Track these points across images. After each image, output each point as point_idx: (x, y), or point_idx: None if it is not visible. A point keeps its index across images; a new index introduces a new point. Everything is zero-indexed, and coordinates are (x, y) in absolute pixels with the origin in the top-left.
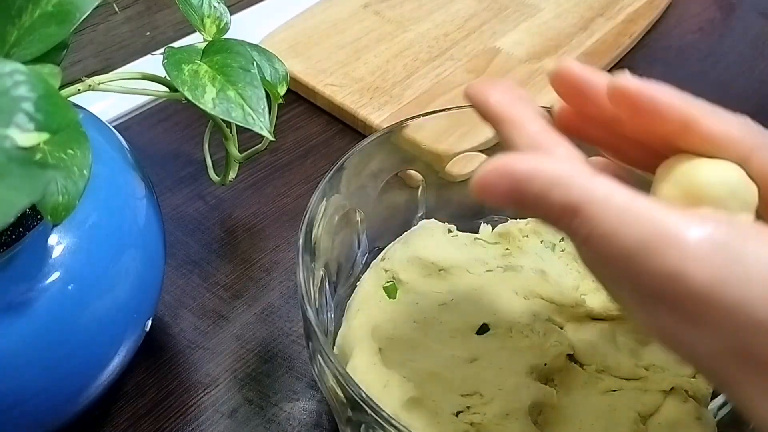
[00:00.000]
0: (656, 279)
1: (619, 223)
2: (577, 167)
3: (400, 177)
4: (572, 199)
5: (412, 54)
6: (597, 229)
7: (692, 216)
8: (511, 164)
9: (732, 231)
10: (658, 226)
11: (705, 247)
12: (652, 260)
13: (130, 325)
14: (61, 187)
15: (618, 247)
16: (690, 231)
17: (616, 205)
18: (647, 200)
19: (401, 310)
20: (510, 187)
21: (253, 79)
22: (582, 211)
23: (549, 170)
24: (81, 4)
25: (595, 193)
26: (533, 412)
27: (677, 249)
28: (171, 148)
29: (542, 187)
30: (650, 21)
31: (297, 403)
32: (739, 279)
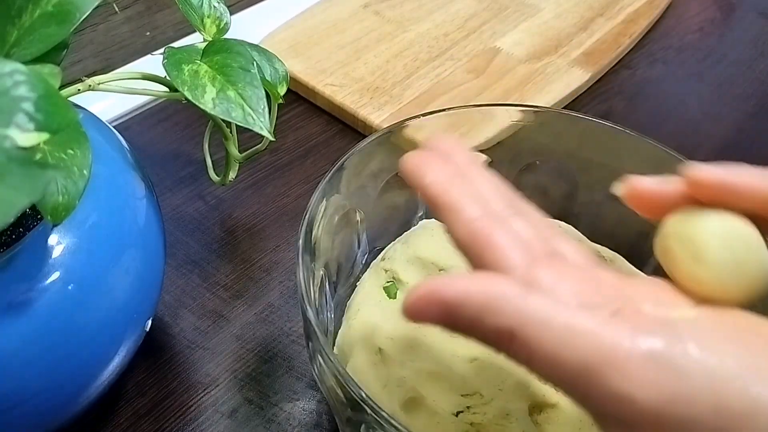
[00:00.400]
0: (602, 402)
1: (559, 345)
2: (509, 285)
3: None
4: (506, 323)
5: (412, 54)
6: (536, 354)
7: (632, 328)
8: (439, 290)
9: (674, 342)
10: (599, 348)
11: (648, 367)
12: (595, 384)
13: (130, 325)
14: (61, 187)
15: (560, 371)
16: (632, 350)
17: (553, 327)
18: (585, 315)
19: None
20: (441, 314)
21: (253, 79)
22: (518, 335)
23: (478, 294)
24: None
25: (531, 316)
26: (533, 412)
27: (619, 372)
28: (171, 148)
29: (473, 313)
30: (650, 21)
31: (297, 403)
32: (687, 396)
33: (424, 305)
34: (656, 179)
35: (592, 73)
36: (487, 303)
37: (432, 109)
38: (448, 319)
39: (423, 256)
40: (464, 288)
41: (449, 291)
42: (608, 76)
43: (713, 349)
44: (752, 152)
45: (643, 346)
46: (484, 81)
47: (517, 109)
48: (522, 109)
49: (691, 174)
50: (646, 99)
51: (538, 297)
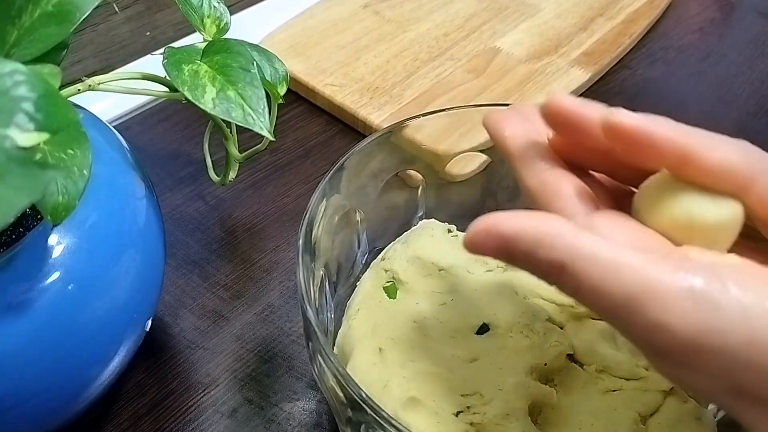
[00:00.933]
0: (642, 332)
1: (604, 278)
2: (562, 224)
3: (400, 177)
4: (557, 257)
5: (412, 54)
6: (584, 285)
7: (675, 266)
8: (498, 225)
9: (713, 279)
10: (642, 281)
11: (686, 300)
12: (637, 315)
13: (130, 325)
14: (61, 187)
15: (604, 301)
16: (672, 284)
17: (600, 261)
18: (632, 253)
19: (401, 310)
20: (498, 247)
21: (253, 79)
22: (567, 268)
23: (533, 229)
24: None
25: (580, 251)
26: (533, 412)
27: (659, 304)
28: (171, 148)
29: (528, 247)
30: (650, 21)
31: (297, 403)
32: (721, 329)
33: (483, 238)
34: (579, 102)
35: (592, 73)
36: (541, 238)
37: (432, 109)
38: (505, 252)
39: (423, 256)
40: (521, 223)
41: (507, 225)
42: (608, 76)
43: (751, 289)
44: None
45: (684, 281)
46: (484, 81)
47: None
48: None
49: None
50: (646, 99)
51: (589, 234)
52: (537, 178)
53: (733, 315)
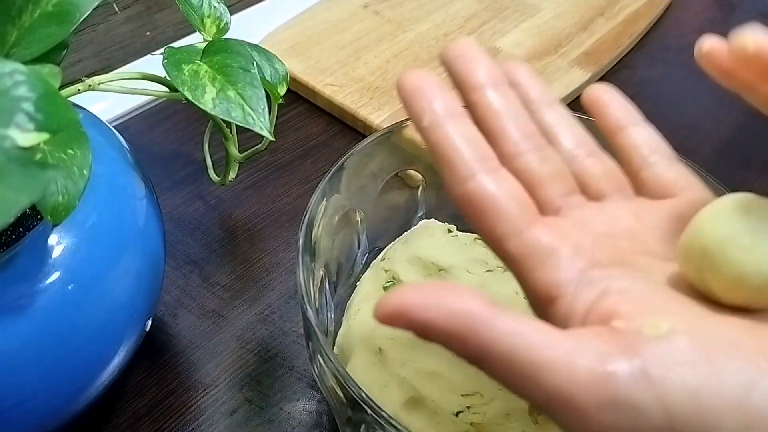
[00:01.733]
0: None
1: (522, 377)
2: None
3: (400, 177)
4: (471, 352)
5: (412, 54)
6: (502, 380)
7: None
8: (407, 309)
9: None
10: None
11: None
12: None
13: (130, 325)
14: (61, 187)
15: (527, 397)
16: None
17: (517, 362)
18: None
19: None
20: (410, 329)
21: (253, 79)
22: (483, 363)
23: (443, 322)
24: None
25: (493, 348)
26: (533, 412)
27: (580, 412)
28: (171, 148)
29: (440, 338)
30: (650, 21)
31: (297, 403)
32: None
33: (394, 319)
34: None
35: (592, 73)
36: (452, 332)
37: None
38: (418, 335)
39: (423, 256)
40: (432, 313)
41: (417, 313)
42: (608, 76)
43: (676, 380)
44: (752, 152)
45: (602, 387)
46: None
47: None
48: None
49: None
50: (646, 99)
51: (503, 325)
52: (464, 187)
53: (655, 418)
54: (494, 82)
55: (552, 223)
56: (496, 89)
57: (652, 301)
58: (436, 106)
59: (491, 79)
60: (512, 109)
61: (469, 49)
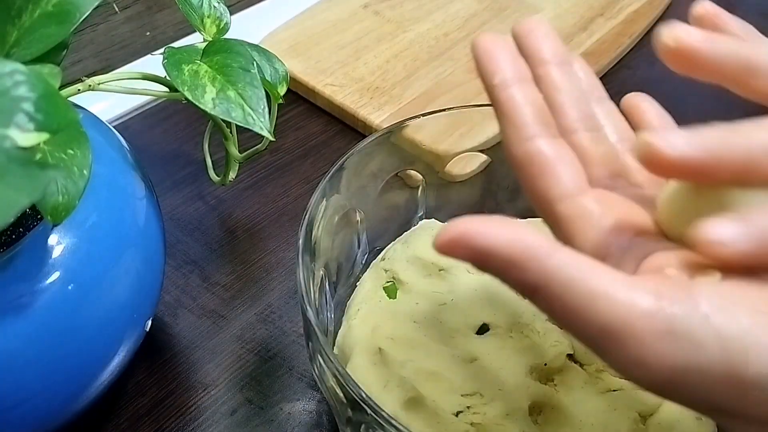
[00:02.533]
0: (620, 365)
1: (579, 307)
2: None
3: (400, 177)
4: (530, 279)
5: (412, 54)
6: (557, 311)
7: (654, 295)
8: (469, 235)
9: (693, 311)
10: (618, 315)
11: (664, 338)
12: (613, 349)
13: (130, 325)
14: (61, 187)
15: (579, 330)
16: (649, 320)
17: (575, 289)
18: (609, 278)
19: (401, 310)
20: (470, 257)
21: (253, 79)
22: (540, 292)
23: (505, 247)
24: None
25: (554, 275)
26: (533, 412)
27: (636, 341)
28: (171, 148)
29: (500, 264)
30: (650, 21)
31: (297, 403)
32: (699, 366)
33: (454, 246)
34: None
35: None
36: (513, 258)
37: (432, 109)
38: (478, 263)
39: (423, 256)
40: (494, 238)
41: (478, 240)
42: (608, 76)
43: (731, 318)
44: None
45: (660, 317)
46: None
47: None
48: None
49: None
50: None
51: (565, 255)
52: (524, 147)
53: (712, 351)
54: (560, 61)
55: (603, 194)
56: (560, 67)
57: (697, 259)
58: (508, 68)
59: (558, 57)
60: (573, 88)
61: (541, 26)
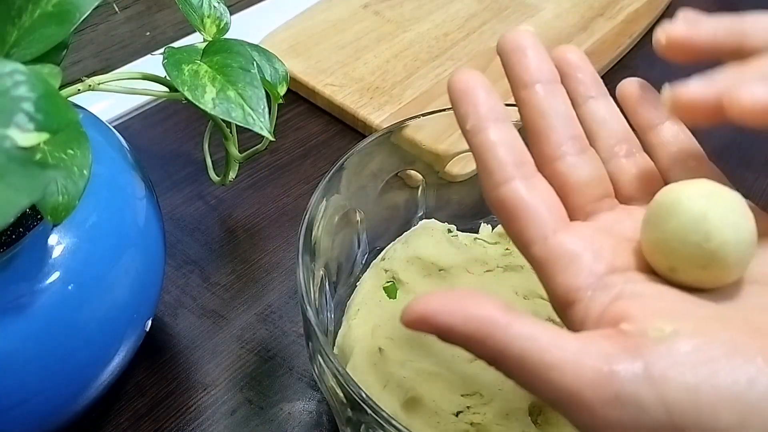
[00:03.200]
0: (580, 429)
1: (534, 378)
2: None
3: (400, 177)
4: (488, 354)
5: (412, 54)
6: (517, 380)
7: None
8: (429, 316)
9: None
10: (569, 388)
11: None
12: (570, 416)
13: (130, 325)
14: (61, 187)
15: (540, 397)
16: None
17: (528, 363)
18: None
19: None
20: (434, 333)
21: (253, 79)
22: (498, 363)
23: (462, 326)
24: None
25: (508, 350)
26: (533, 412)
27: (586, 409)
28: (171, 148)
29: (460, 341)
30: (650, 21)
31: (297, 403)
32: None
33: (419, 325)
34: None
35: None
36: (470, 335)
37: (432, 109)
38: (441, 338)
39: (423, 256)
40: (450, 319)
41: (438, 319)
42: (608, 76)
43: (678, 377)
44: (752, 152)
45: (607, 385)
46: None
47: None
48: None
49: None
50: None
51: (518, 328)
52: (498, 192)
53: (657, 413)
54: (545, 80)
55: (577, 229)
56: (545, 87)
57: (661, 304)
58: (480, 110)
59: (542, 76)
60: (559, 109)
61: (524, 42)
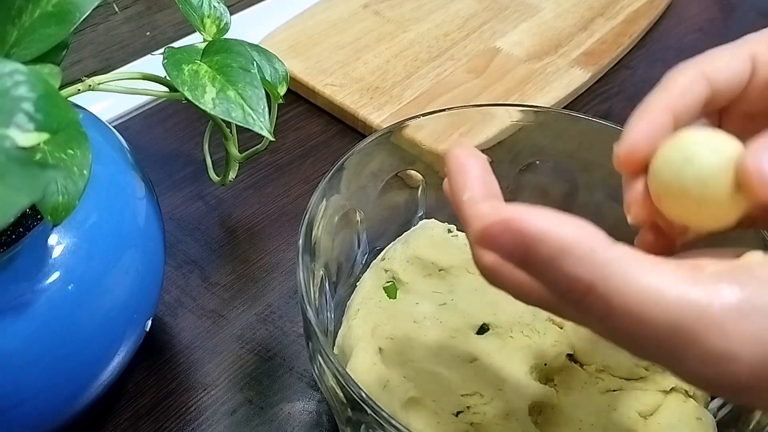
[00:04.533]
0: (700, 364)
1: (643, 305)
2: (593, 235)
3: (400, 177)
4: (585, 273)
5: (412, 54)
6: (616, 311)
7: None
8: (522, 220)
9: (757, 285)
10: (692, 307)
11: (744, 319)
12: (691, 345)
13: (130, 325)
14: (61, 187)
15: (646, 330)
16: (724, 305)
17: (635, 285)
18: (669, 273)
19: (401, 310)
20: (516, 245)
21: (253, 79)
22: (596, 289)
23: (562, 235)
24: (81, 4)
25: (611, 270)
26: (533, 412)
27: (717, 330)
28: (171, 148)
29: (552, 253)
30: (650, 21)
31: (297, 403)
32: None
33: (501, 231)
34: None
35: (592, 73)
36: (570, 245)
37: (432, 109)
38: (522, 253)
39: (423, 256)
40: (549, 224)
41: (533, 223)
42: (608, 76)
43: None
44: None
45: (733, 298)
46: (484, 81)
47: (517, 109)
48: (522, 109)
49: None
50: None
51: (620, 250)
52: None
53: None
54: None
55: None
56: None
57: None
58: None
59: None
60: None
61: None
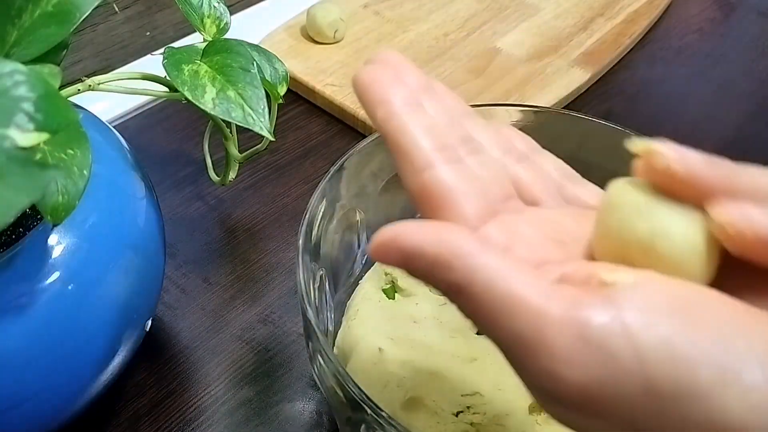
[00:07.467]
0: (534, 380)
1: (499, 310)
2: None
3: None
4: (453, 279)
5: (412, 54)
6: (478, 315)
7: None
8: (398, 238)
9: (612, 320)
10: (533, 322)
11: (576, 346)
12: (528, 356)
13: (130, 325)
14: (61, 187)
15: (498, 334)
16: (563, 328)
17: (496, 291)
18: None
19: (401, 310)
20: (399, 260)
21: (253, 79)
22: (463, 293)
23: (432, 246)
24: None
25: (476, 276)
26: (533, 412)
27: (549, 350)
28: (171, 148)
29: (426, 266)
30: (650, 21)
31: (297, 403)
32: (615, 378)
33: (385, 251)
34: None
35: (592, 73)
36: (439, 257)
37: None
38: (406, 267)
39: None
40: (419, 240)
41: (407, 239)
42: (608, 76)
43: (651, 326)
44: (752, 152)
45: (575, 324)
46: (484, 81)
47: (517, 109)
48: (522, 109)
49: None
50: (646, 99)
51: (490, 257)
52: (421, 178)
53: (627, 363)
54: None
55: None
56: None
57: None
58: (393, 97)
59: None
60: (444, 113)
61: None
